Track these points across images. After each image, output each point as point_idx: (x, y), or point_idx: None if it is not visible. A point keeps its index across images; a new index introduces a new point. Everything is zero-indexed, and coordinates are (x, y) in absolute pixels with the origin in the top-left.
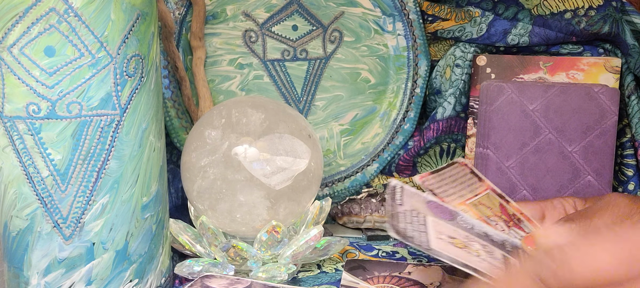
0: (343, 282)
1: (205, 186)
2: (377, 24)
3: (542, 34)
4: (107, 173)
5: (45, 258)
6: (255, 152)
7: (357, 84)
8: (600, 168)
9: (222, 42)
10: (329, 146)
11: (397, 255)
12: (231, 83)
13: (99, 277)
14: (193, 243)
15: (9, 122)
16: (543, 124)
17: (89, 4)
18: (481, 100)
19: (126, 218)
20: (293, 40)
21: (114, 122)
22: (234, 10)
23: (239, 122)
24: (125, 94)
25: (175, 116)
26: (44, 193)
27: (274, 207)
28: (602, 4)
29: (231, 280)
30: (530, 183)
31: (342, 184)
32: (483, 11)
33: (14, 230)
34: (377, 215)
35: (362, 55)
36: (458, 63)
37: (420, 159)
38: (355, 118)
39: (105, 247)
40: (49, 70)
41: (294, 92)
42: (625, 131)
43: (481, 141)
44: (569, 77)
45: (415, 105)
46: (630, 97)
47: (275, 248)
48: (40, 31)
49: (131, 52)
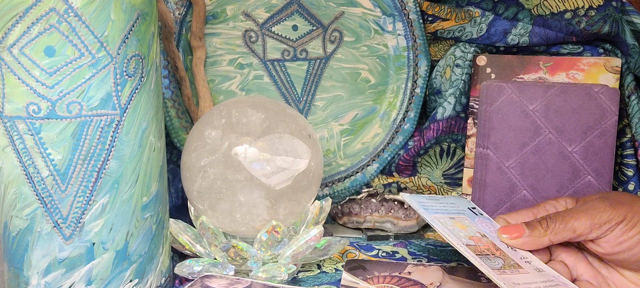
0: (343, 282)
1: (205, 186)
2: (377, 24)
3: (542, 34)
4: (107, 173)
5: (45, 258)
6: (255, 152)
7: (357, 84)
8: (600, 168)
9: (222, 42)
10: (329, 146)
11: (397, 255)
12: (231, 83)
13: (99, 277)
14: (193, 243)
15: (9, 122)
16: (543, 124)
17: (89, 4)
18: (481, 100)
19: (126, 218)
20: (293, 40)
21: (114, 122)
22: (234, 10)
23: (239, 122)
24: (125, 94)
25: (175, 116)
26: (44, 193)
27: (274, 207)
28: (602, 4)
29: (231, 280)
30: (530, 183)
31: (342, 184)
32: (483, 11)
33: (14, 230)
34: (377, 215)
35: (362, 55)
36: (458, 63)
37: (420, 159)
38: (355, 118)
39: (105, 247)
40: (49, 70)
41: (294, 92)
42: (625, 131)
43: (481, 141)
44: (569, 77)
45: (415, 105)
46: (630, 97)
47: (275, 248)
48: (40, 31)
49: (131, 52)
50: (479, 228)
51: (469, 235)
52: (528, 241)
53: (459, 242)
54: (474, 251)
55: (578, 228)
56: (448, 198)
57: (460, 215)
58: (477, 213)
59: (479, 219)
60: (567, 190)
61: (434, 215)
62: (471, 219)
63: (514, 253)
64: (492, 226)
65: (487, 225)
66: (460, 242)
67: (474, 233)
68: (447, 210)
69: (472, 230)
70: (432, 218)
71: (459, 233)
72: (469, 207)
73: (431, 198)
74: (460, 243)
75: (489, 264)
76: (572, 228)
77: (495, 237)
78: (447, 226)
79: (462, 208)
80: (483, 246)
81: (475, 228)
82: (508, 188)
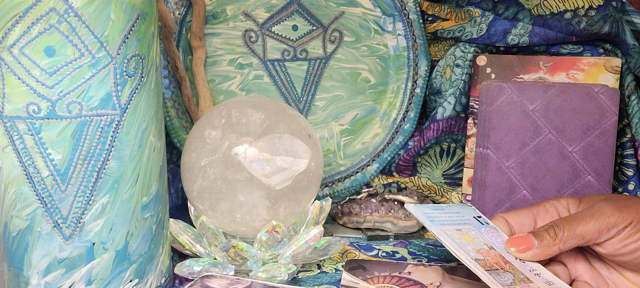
0: (343, 282)
1: (205, 186)
2: (377, 24)
3: (542, 34)
4: (107, 173)
5: (45, 258)
6: (255, 152)
7: (357, 84)
8: (600, 168)
9: (222, 42)
10: (329, 146)
11: (397, 255)
12: (231, 83)
13: (99, 277)
14: (193, 243)
15: (9, 122)
16: (543, 124)
17: (89, 4)
18: (481, 100)
19: (126, 218)
20: (293, 40)
21: (114, 122)
22: (234, 10)
23: (239, 122)
24: (125, 94)
25: (175, 116)
26: (44, 193)
27: (274, 207)
28: (602, 4)
29: (231, 280)
30: (530, 183)
31: (342, 184)
32: (483, 11)
33: (14, 230)
34: (377, 215)
35: (362, 55)
36: (458, 63)
37: (420, 159)
38: (355, 118)
39: (105, 247)
40: (49, 70)
41: (294, 92)
42: (625, 131)
43: (481, 141)
44: (569, 77)
45: (415, 105)
46: (630, 97)
47: (275, 248)
48: (40, 31)
49: (131, 52)
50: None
51: (476, 248)
52: (537, 253)
53: (468, 257)
54: (482, 266)
55: (586, 234)
56: (453, 207)
57: (466, 225)
58: (482, 223)
59: (485, 229)
60: (567, 190)
61: (441, 228)
62: (477, 230)
63: (523, 266)
64: (499, 236)
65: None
66: (468, 257)
67: (481, 245)
68: (453, 220)
69: (480, 242)
70: (438, 231)
71: (467, 247)
72: (475, 216)
73: (436, 208)
74: (469, 258)
75: (499, 280)
76: (581, 235)
77: (503, 249)
78: (455, 239)
79: (467, 218)
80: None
81: (482, 239)
82: (508, 188)
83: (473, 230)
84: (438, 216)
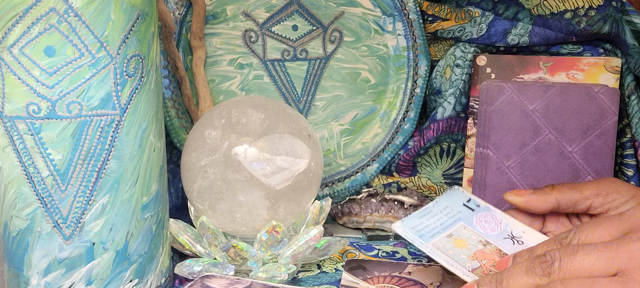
0: (343, 282)
1: (205, 186)
2: (377, 24)
3: (542, 34)
4: (107, 173)
5: (45, 258)
6: (255, 152)
7: (357, 84)
8: (600, 168)
9: (222, 42)
10: (329, 146)
11: (397, 255)
12: (231, 83)
13: (99, 277)
14: (193, 243)
15: (9, 122)
16: (543, 124)
17: (89, 4)
18: (481, 100)
19: (126, 218)
20: (293, 40)
21: (114, 122)
22: (234, 10)
23: (239, 122)
24: (125, 94)
25: (175, 116)
26: (44, 193)
27: (274, 207)
28: (602, 4)
29: (231, 280)
30: (530, 183)
31: (342, 184)
32: (483, 11)
33: (14, 230)
34: (377, 215)
35: (362, 55)
36: (458, 63)
37: (420, 159)
38: (355, 118)
39: (105, 247)
40: (49, 70)
41: (294, 92)
42: (625, 131)
43: (481, 141)
44: (569, 77)
45: (415, 105)
46: (630, 97)
47: (275, 248)
48: (40, 31)
49: (131, 52)
50: (480, 234)
51: (471, 253)
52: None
53: (464, 270)
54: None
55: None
56: (440, 202)
57: (457, 223)
58: (473, 208)
59: (477, 217)
60: None
61: (432, 243)
62: (469, 223)
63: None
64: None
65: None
66: (464, 270)
67: (476, 246)
68: (443, 223)
69: (474, 241)
70: (430, 248)
71: (461, 257)
72: (464, 202)
73: (424, 214)
74: (465, 271)
75: None
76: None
77: (499, 237)
78: (448, 251)
79: (457, 210)
80: (488, 263)
81: (476, 236)
82: (508, 189)
83: (465, 228)
84: (426, 226)
